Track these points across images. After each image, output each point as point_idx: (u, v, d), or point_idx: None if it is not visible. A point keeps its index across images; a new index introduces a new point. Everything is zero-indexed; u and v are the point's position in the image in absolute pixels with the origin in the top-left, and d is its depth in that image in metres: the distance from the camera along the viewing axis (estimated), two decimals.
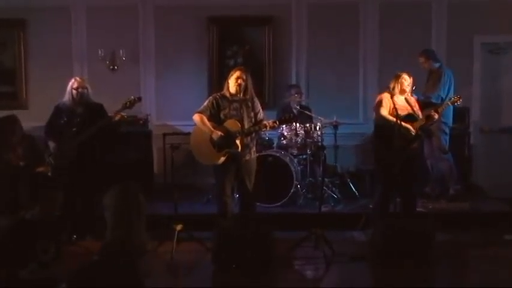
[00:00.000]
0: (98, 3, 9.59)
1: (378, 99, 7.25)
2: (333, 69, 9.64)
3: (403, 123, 6.94)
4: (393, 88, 7.18)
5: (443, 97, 8.22)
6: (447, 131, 8.43)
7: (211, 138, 6.69)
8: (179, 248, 6.68)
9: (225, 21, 9.64)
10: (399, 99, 7.18)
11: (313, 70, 9.67)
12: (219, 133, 6.60)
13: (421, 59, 8.55)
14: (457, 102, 7.45)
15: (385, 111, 7.07)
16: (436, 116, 7.20)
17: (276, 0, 9.65)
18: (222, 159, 6.66)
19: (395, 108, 6.98)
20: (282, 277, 6.29)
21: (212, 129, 6.66)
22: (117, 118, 7.05)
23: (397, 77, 7.20)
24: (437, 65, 8.47)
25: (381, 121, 7.13)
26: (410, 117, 7.09)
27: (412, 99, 7.25)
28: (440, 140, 8.37)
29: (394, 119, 6.90)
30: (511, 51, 9.67)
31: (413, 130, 7.00)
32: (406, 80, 7.20)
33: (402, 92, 7.18)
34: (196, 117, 6.78)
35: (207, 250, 6.61)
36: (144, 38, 9.71)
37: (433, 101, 8.15)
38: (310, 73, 9.67)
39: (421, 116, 7.13)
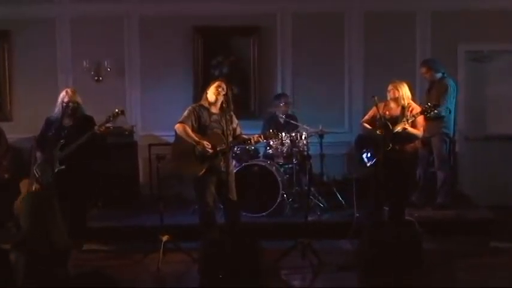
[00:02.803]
0: (83, 14, 9.56)
1: None
2: (318, 79, 9.65)
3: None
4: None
5: (451, 108, 8.25)
6: (447, 140, 8.45)
7: (194, 150, 6.68)
8: (165, 258, 6.66)
9: (210, 31, 9.63)
10: (393, 109, 7.26)
11: (299, 80, 9.69)
12: (205, 143, 6.59)
13: (423, 70, 8.55)
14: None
15: (364, 120, 7.43)
16: (407, 127, 7.09)
17: (261, 11, 9.64)
18: (203, 170, 6.66)
19: (374, 116, 7.26)
20: (269, 287, 6.27)
21: (197, 140, 6.64)
22: (99, 131, 7.02)
23: None
24: (439, 75, 8.42)
25: (361, 129, 7.41)
26: (384, 126, 7.10)
27: (410, 108, 7.21)
28: (440, 149, 8.37)
29: (368, 128, 7.30)
30: (495, 59, 9.73)
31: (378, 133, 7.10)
32: (388, 91, 7.29)
33: (391, 100, 7.24)
34: (179, 128, 6.75)
35: (194, 261, 6.59)
36: (129, 49, 9.69)
37: (442, 113, 8.17)
38: (295, 83, 9.68)
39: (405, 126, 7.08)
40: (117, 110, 7.11)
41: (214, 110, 6.75)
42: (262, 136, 6.84)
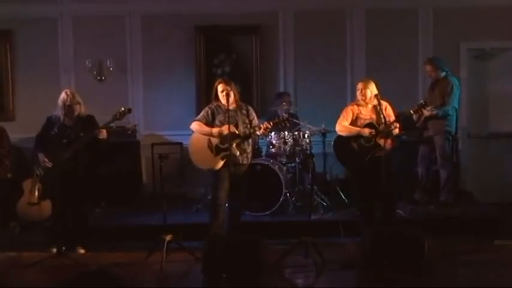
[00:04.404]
0: (85, 13, 9.58)
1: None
2: (320, 77, 9.65)
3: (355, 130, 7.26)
4: (358, 99, 7.39)
5: (457, 107, 8.25)
6: (450, 138, 8.45)
7: (209, 143, 6.83)
8: (169, 258, 6.65)
9: (212, 30, 9.63)
10: (364, 109, 7.32)
11: (301, 78, 9.69)
12: (218, 129, 6.75)
13: (428, 68, 8.52)
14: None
15: (346, 122, 7.36)
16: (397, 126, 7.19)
17: (263, 9, 9.65)
18: (221, 163, 6.74)
19: (358, 118, 7.31)
20: (273, 286, 6.27)
21: (210, 129, 6.82)
22: (101, 136, 7.01)
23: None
24: (443, 74, 8.40)
25: (342, 131, 7.38)
26: (369, 126, 7.20)
27: (384, 106, 7.25)
28: (443, 147, 8.37)
29: (353, 128, 7.27)
30: (497, 57, 9.73)
31: (366, 134, 7.15)
32: (358, 90, 7.37)
33: (362, 101, 7.27)
34: (194, 125, 6.95)
35: (197, 260, 6.59)
36: (131, 48, 9.70)
37: (450, 113, 8.20)
38: (297, 81, 9.69)
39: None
40: (123, 109, 7.08)
41: (230, 106, 6.83)
42: (271, 123, 6.87)
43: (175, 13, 9.61)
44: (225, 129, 6.73)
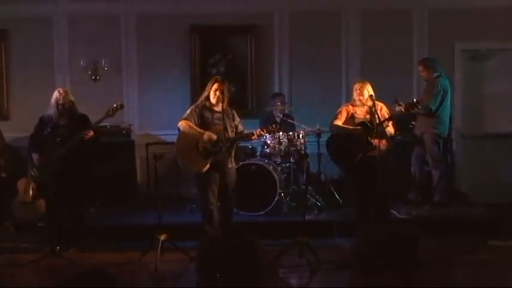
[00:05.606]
0: (80, 13, 9.57)
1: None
2: (315, 77, 9.66)
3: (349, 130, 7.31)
4: (353, 99, 7.45)
5: (433, 108, 8.26)
6: (440, 141, 8.47)
7: (197, 145, 6.72)
8: (163, 257, 6.64)
9: (208, 30, 9.64)
10: (359, 109, 7.36)
11: (296, 78, 9.70)
12: (210, 134, 6.65)
13: (420, 68, 8.62)
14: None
15: (338, 122, 7.41)
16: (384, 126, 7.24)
17: (259, 9, 9.66)
18: (208, 166, 6.68)
19: (352, 117, 7.36)
20: (268, 286, 6.27)
21: (202, 131, 6.71)
22: (87, 138, 7.00)
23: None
24: (435, 74, 8.44)
25: (334, 131, 7.46)
26: (361, 125, 7.26)
27: (379, 107, 7.30)
28: (432, 148, 8.39)
29: (346, 128, 7.32)
30: (491, 58, 9.75)
31: (359, 132, 7.20)
32: (356, 90, 7.42)
33: (359, 101, 7.31)
34: (182, 124, 6.80)
35: (191, 259, 6.59)
36: (126, 48, 9.69)
37: (432, 107, 8.25)
38: (292, 81, 9.69)
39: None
40: (115, 105, 7.09)
41: (217, 108, 6.77)
42: (264, 130, 6.86)
43: (171, 13, 9.62)
44: (214, 133, 6.71)
